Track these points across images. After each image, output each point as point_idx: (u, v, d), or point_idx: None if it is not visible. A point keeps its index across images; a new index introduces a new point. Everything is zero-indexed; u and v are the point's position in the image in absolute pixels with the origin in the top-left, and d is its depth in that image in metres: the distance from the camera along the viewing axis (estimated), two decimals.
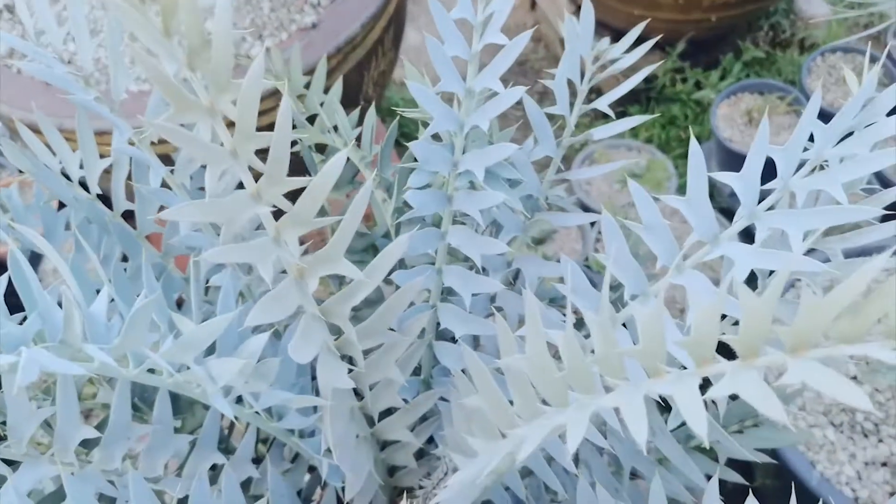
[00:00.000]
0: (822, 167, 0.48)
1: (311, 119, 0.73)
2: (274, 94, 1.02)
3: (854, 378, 1.08)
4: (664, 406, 0.60)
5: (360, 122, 0.75)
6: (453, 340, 0.65)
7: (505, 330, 0.49)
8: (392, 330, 0.57)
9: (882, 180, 1.49)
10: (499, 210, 0.61)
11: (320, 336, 0.51)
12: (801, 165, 0.50)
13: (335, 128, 0.71)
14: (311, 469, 0.75)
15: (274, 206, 0.47)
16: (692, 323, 0.37)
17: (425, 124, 0.66)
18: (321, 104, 0.72)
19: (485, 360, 0.54)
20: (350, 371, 0.55)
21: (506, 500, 0.67)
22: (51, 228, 0.68)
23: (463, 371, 0.58)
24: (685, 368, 0.39)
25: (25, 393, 0.51)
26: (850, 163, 0.44)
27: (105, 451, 0.53)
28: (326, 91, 0.76)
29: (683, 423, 0.72)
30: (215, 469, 0.63)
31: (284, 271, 0.50)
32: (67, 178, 0.61)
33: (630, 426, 0.36)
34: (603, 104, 0.62)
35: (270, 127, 0.43)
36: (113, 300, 0.49)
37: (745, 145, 1.61)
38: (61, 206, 0.69)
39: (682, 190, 1.67)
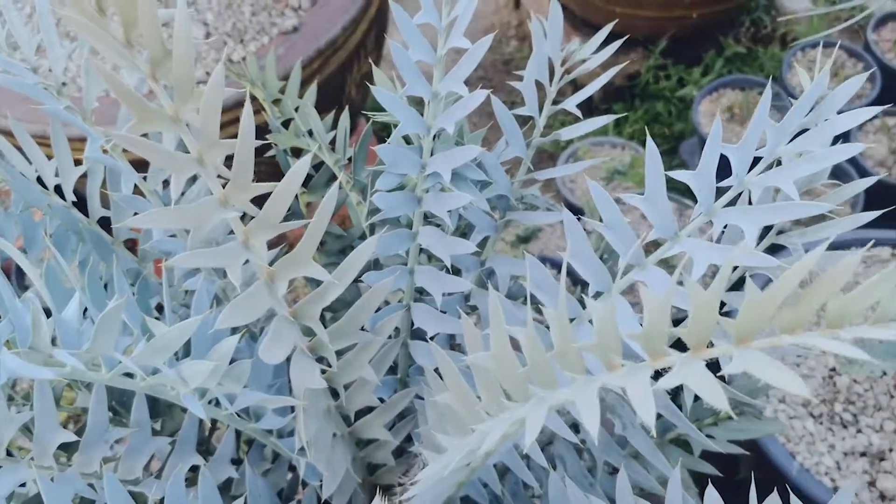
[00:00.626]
0: (779, 163, 0.49)
1: (286, 124, 0.74)
2: (248, 101, 1.03)
3: (833, 370, 1.09)
4: None
5: (335, 124, 0.76)
6: (429, 339, 0.66)
7: (470, 328, 0.50)
8: (365, 330, 0.58)
9: (862, 172, 1.51)
10: (468, 210, 0.62)
11: (291, 337, 0.52)
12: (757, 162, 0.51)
13: (310, 132, 0.72)
14: (293, 468, 0.76)
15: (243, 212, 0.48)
16: (645, 316, 0.38)
17: (397, 125, 0.67)
18: (296, 109, 0.73)
19: (457, 359, 0.55)
20: (324, 372, 0.56)
21: (484, 497, 0.69)
22: (30, 235, 0.69)
23: (436, 370, 0.59)
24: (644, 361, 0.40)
25: (3, 398, 0.52)
26: (803, 160, 0.45)
27: (84, 455, 0.54)
28: (302, 96, 0.77)
29: (659, 417, 0.73)
30: (196, 471, 0.64)
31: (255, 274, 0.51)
32: (43, 185, 0.62)
33: (584, 419, 0.37)
34: (570, 105, 0.63)
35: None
36: (86, 307, 0.50)
37: (727, 141, 1.63)
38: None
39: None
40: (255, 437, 0.61)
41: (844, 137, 1.57)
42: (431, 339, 0.67)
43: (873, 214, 0.52)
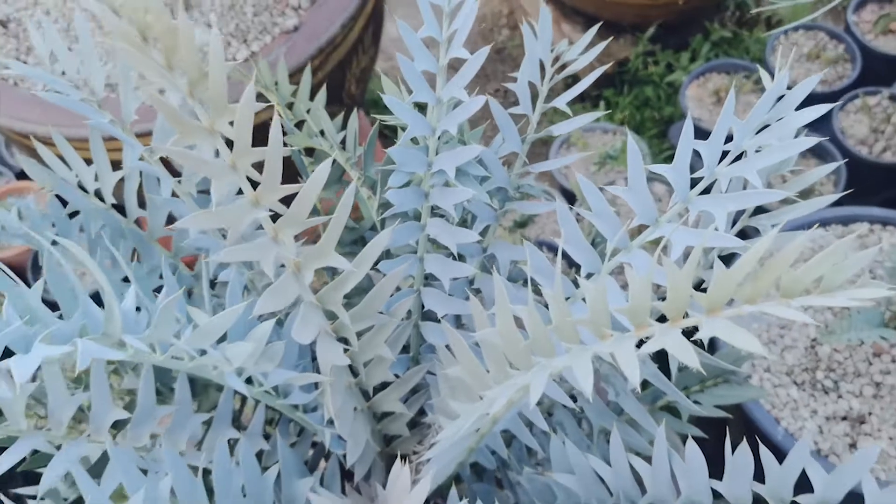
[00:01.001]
0: (745, 155, 0.56)
1: (299, 125, 0.81)
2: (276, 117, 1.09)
3: (814, 340, 1.16)
4: None
5: (345, 124, 0.82)
6: (438, 320, 0.73)
7: (479, 308, 0.57)
8: (381, 313, 0.64)
9: (843, 151, 1.57)
10: (471, 203, 0.69)
11: (317, 321, 0.59)
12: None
13: (322, 132, 0.78)
14: (314, 445, 0.83)
15: (271, 210, 0.54)
16: (630, 293, 0.45)
17: (404, 128, 0.73)
18: (308, 111, 0.79)
19: (465, 336, 0.61)
20: (346, 351, 0.63)
21: (491, 462, 0.75)
22: (65, 235, 0.75)
23: (447, 347, 0.66)
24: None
25: (63, 382, 0.58)
26: (764, 152, 0.52)
27: (135, 431, 0.61)
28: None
29: (650, 386, 0.80)
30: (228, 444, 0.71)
31: (283, 266, 0.57)
32: (83, 189, 0.68)
33: (580, 382, 0.43)
34: (561, 103, 0.69)
35: (259, 129, 0.50)
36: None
37: (714, 123, 1.69)
38: (72, 214, 0.77)
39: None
40: (283, 412, 0.67)
41: (826, 119, 1.63)
42: (439, 320, 0.74)
43: (833, 197, 0.59)
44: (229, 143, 0.52)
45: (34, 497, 0.80)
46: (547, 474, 0.65)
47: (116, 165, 0.72)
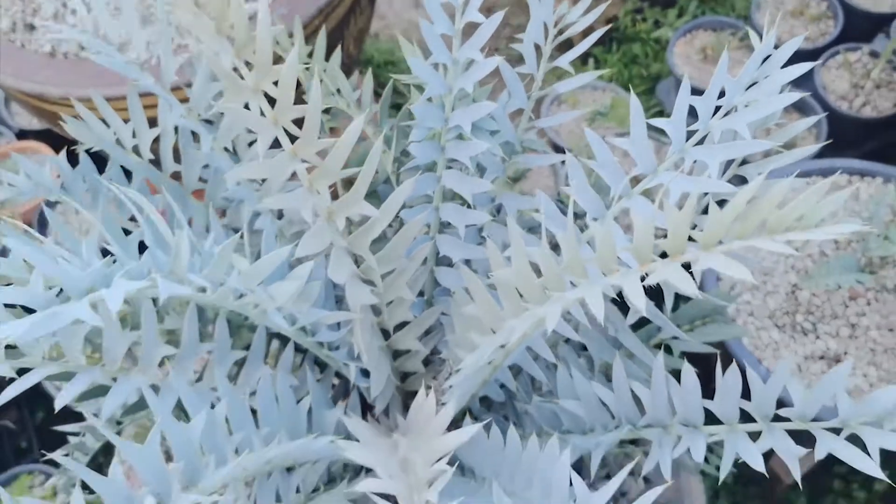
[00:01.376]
0: (736, 110, 0.62)
1: None
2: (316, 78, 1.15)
3: (795, 285, 1.23)
4: (624, 310, 0.74)
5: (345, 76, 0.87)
6: (451, 266, 0.79)
7: (494, 250, 0.63)
8: (402, 257, 0.70)
9: (824, 106, 1.63)
10: (481, 156, 0.74)
11: (348, 263, 0.65)
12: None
13: (338, 90, 0.84)
14: (333, 387, 0.90)
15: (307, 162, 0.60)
16: (635, 233, 0.51)
17: (417, 87, 0.79)
18: (324, 70, 0.85)
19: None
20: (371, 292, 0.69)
21: (500, 394, 0.82)
22: (96, 190, 0.81)
23: (464, 289, 0.72)
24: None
25: (117, 322, 0.64)
26: (753, 107, 0.58)
27: (181, 365, 0.67)
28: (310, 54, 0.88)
29: (643, 325, 0.86)
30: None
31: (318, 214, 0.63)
32: (121, 146, 0.74)
33: (592, 308, 0.50)
34: (563, 62, 0.75)
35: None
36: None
37: (702, 81, 1.74)
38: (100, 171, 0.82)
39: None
40: (311, 349, 0.73)
41: (808, 75, 1.70)
42: (451, 265, 0.80)
43: (814, 147, 0.65)
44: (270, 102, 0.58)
45: (76, 434, 0.86)
46: (554, 402, 0.72)
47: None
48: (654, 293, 0.66)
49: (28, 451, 1.82)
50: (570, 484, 0.57)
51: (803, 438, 0.61)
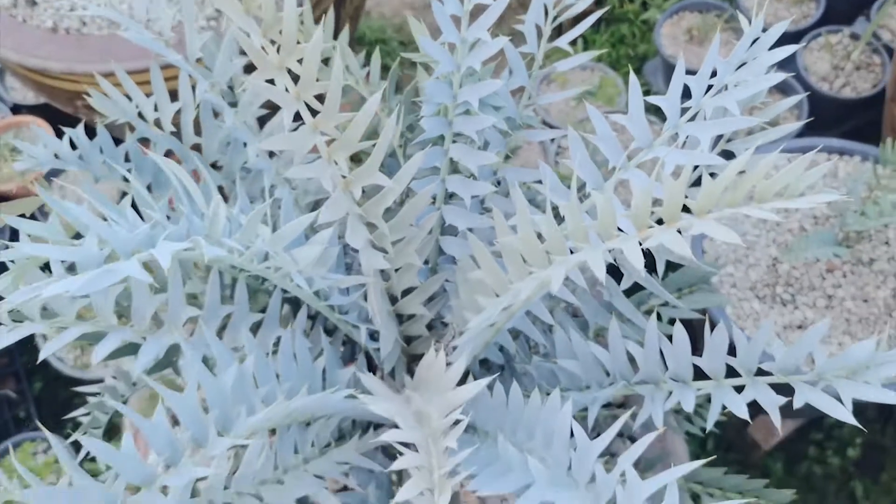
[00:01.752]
0: (726, 89, 0.66)
1: (326, 61, 0.90)
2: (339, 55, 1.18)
3: (775, 259, 1.29)
4: (617, 278, 0.79)
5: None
6: (454, 235, 0.83)
7: (500, 218, 0.67)
8: (411, 226, 0.75)
9: (806, 87, 1.69)
10: (486, 131, 0.79)
11: (363, 230, 0.69)
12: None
13: (347, 67, 0.87)
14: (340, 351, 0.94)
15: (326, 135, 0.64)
16: (633, 201, 0.56)
17: (423, 65, 0.83)
18: (333, 48, 0.88)
19: None
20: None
21: (499, 357, 0.87)
22: (113, 160, 0.84)
23: (470, 256, 0.76)
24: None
25: (146, 285, 0.68)
26: (742, 86, 0.63)
27: (205, 325, 0.71)
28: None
29: (636, 292, 0.91)
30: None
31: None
32: (143, 119, 0.77)
33: (594, 270, 0.54)
34: (563, 42, 0.79)
35: None
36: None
37: (688, 62, 1.79)
38: (117, 142, 0.86)
39: None
40: (323, 312, 0.78)
41: (790, 56, 1.75)
42: (455, 235, 0.84)
43: (798, 124, 0.70)
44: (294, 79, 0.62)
45: (94, 394, 0.91)
46: (552, 361, 0.77)
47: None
48: (646, 264, 0.71)
49: (27, 421, 1.85)
50: (571, 435, 0.62)
51: (783, 394, 0.66)
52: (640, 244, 0.55)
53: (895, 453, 1.66)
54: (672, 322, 0.94)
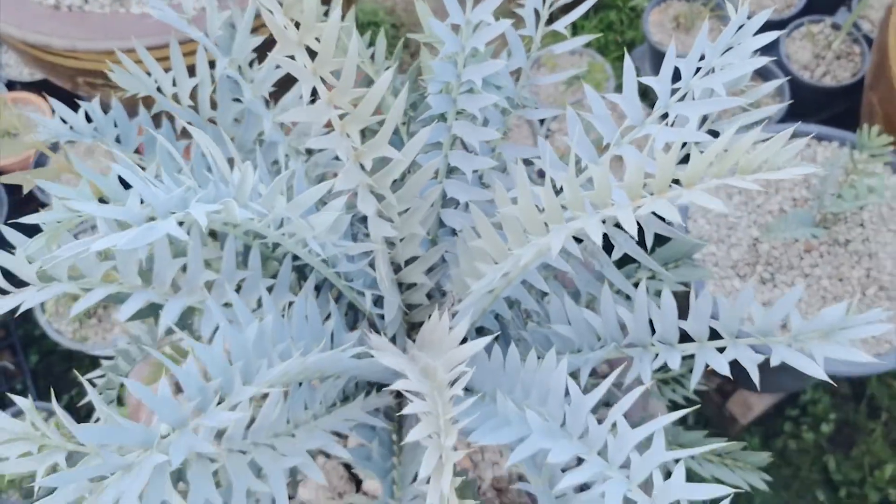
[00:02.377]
0: (713, 71, 0.71)
1: None
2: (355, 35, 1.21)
3: (756, 239, 1.35)
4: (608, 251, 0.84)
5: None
6: (454, 208, 0.88)
7: (501, 190, 0.72)
8: (416, 197, 0.79)
9: (787, 74, 1.74)
10: (484, 110, 0.83)
11: (372, 200, 0.74)
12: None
13: None
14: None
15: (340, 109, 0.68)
16: (627, 173, 0.60)
17: (427, 45, 0.87)
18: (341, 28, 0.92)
19: None
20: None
21: (495, 325, 0.92)
22: (126, 133, 0.88)
23: (472, 228, 0.81)
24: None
25: (168, 249, 0.72)
26: (728, 69, 0.68)
27: (219, 289, 0.76)
28: None
29: (624, 266, 0.97)
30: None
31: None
32: (161, 93, 0.81)
33: (591, 235, 0.59)
34: (560, 26, 0.84)
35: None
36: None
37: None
38: (131, 116, 0.89)
39: (618, 89, 1.90)
40: (330, 279, 0.82)
41: (773, 45, 1.80)
42: (455, 208, 0.89)
43: (782, 105, 0.75)
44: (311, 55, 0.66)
45: (109, 357, 0.95)
46: (546, 327, 0.82)
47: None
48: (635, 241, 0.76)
49: (24, 393, 1.89)
50: (567, 394, 0.67)
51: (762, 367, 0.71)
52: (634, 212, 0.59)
53: (866, 429, 1.74)
54: (658, 294, 0.99)
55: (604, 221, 0.59)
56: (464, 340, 0.89)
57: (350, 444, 0.92)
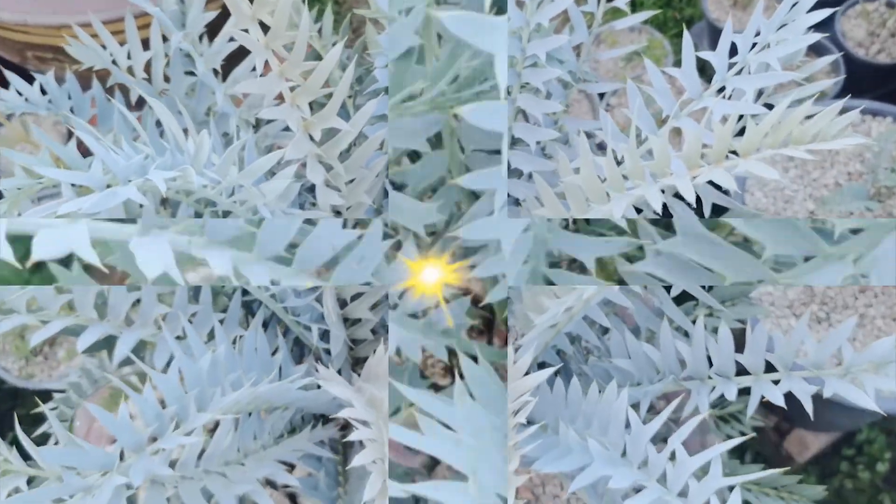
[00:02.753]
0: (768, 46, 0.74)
1: None
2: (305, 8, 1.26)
3: (812, 212, 1.36)
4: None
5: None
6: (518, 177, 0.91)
7: (564, 160, 0.76)
8: (362, 168, 0.85)
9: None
10: (547, 84, 0.87)
11: (321, 169, 0.80)
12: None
13: None
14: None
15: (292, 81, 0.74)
16: (685, 143, 0.64)
17: (373, 21, 0.91)
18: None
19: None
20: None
21: (556, 359, 0.95)
22: (80, 106, 0.95)
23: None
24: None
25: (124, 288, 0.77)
26: (782, 44, 0.71)
27: (172, 322, 0.77)
28: None
29: (683, 303, 0.97)
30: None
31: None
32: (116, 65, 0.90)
33: (651, 203, 0.62)
34: (620, 2, 0.87)
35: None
36: None
37: (732, 26, 1.84)
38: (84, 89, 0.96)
39: (676, 65, 1.90)
40: (277, 313, 0.85)
41: (829, 22, 1.79)
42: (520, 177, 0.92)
43: (837, 79, 0.77)
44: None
45: (60, 391, 1.02)
46: (607, 360, 0.85)
47: None
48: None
49: None
50: (627, 424, 0.70)
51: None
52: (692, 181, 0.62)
53: None
54: (715, 331, 1.01)
55: (663, 191, 0.62)
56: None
57: (297, 474, 0.96)
